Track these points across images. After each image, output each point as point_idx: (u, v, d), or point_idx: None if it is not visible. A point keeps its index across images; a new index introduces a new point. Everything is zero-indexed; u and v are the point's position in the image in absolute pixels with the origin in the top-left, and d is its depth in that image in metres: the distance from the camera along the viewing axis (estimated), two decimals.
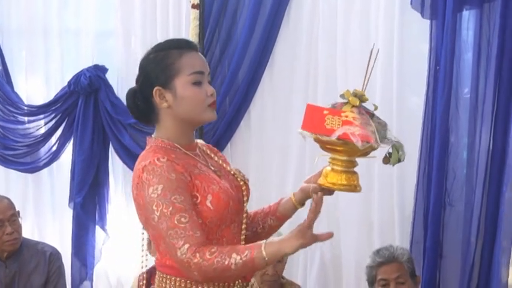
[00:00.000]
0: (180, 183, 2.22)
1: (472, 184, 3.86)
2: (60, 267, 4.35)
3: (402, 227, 4.11)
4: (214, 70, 4.62)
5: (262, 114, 4.65)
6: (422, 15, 3.99)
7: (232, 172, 2.48)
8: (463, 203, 3.90)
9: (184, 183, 2.23)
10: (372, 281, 3.62)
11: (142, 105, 2.38)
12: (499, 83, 3.78)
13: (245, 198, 2.43)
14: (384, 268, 3.55)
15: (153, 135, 2.39)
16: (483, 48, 3.84)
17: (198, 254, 2.15)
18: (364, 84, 2.28)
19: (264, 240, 2.19)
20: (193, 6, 4.54)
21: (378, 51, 2.28)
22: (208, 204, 2.26)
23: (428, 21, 3.98)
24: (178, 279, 2.32)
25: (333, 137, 2.16)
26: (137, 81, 2.41)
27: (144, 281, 4.04)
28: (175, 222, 2.18)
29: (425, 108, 3.97)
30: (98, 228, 5.05)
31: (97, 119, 4.96)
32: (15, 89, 5.19)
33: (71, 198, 5.01)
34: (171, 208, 2.18)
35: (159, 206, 2.20)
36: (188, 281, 2.31)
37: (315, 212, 2.17)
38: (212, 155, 2.50)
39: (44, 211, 5.22)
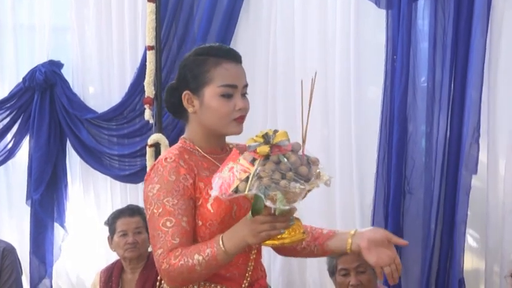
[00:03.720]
0: (178, 186, 2.23)
1: (431, 172, 3.92)
2: (14, 262, 4.27)
3: (363, 215, 4.14)
4: (172, 65, 4.60)
5: None
6: (378, 5, 4.02)
7: None
8: (423, 191, 3.96)
9: (182, 187, 2.24)
10: (332, 270, 3.60)
11: (176, 103, 2.39)
12: (455, 71, 3.85)
13: None
14: (344, 258, 3.53)
15: (183, 135, 2.43)
16: (438, 37, 3.90)
17: (165, 260, 2.18)
18: (307, 115, 2.11)
19: (221, 234, 2.17)
20: (150, 0, 4.52)
21: (315, 76, 2.10)
22: (209, 206, 2.26)
23: (384, 11, 4.01)
24: None
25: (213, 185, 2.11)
26: (176, 79, 2.42)
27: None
28: (160, 225, 2.20)
29: (383, 98, 4.02)
30: (56, 225, 5.00)
31: (53, 114, 4.90)
32: None
33: (28, 196, 4.95)
34: (161, 210, 2.21)
35: (151, 205, 2.24)
36: None
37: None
38: None
39: (1, 209, 5.14)
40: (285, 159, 2.03)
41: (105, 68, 4.89)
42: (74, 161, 5.02)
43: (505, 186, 3.83)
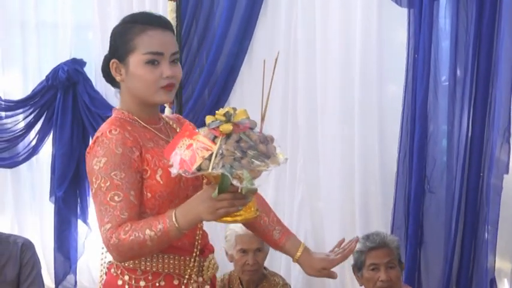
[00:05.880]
0: (125, 159, 2.20)
1: (452, 171, 3.90)
2: (33, 256, 4.26)
3: (384, 215, 4.13)
4: (192, 62, 4.62)
5: (241, 105, 4.64)
6: (400, 4, 4.00)
7: None
8: (444, 190, 3.94)
9: (129, 160, 2.21)
10: (360, 266, 3.55)
11: (108, 72, 2.36)
12: (477, 70, 3.81)
13: None
14: (374, 253, 3.50)
15: (117, 106, 2.39)
16: (460, 36, 3.86)
17: (114, 235, 2.13)
18: (267, 95, 2.17)
19: (174, 210, 2.15)
20: None
21: (278, 55, 2.20)
22: (158, 178, 2.24)
23: (406, 10, 3.99)
24: None
25: (170, 163, 2.11)
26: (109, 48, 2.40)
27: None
28: (108, 199, 2.17)
29: (404, 97, 4.00)
30: (80, 222, 5.05)
31: (76, 112, 4.95)
32: None
33: (51, 193, 5.00)
34: (108, 183, 2.18)
35: (98, 179, 2.20)
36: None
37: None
38: (178, 129, 2.44)
39: (24, 206, 5.20)
40: (247, 138, 2.06)
41: None
42: None
43: None
